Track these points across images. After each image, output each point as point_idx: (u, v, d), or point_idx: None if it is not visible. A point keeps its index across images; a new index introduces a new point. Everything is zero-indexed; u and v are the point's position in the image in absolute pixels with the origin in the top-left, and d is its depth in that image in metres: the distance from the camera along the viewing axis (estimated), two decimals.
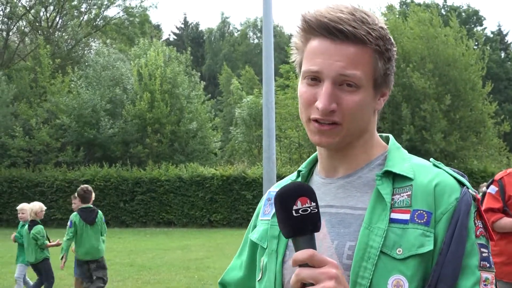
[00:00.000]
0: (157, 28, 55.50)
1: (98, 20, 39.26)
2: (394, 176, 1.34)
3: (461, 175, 1.35)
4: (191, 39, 61.99)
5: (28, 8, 36.77)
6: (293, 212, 1.15)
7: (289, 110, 29.24)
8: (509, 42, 51.04)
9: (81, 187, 8.86)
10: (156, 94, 28.78)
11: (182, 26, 64.37)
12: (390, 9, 31.04)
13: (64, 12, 37.40)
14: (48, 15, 37.68)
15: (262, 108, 10.23)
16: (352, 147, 1.39)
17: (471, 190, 1.32)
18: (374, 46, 1.32)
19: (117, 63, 31.20)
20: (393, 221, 1.28)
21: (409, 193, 1.31)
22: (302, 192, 1.17)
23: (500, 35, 50.14)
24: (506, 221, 4.50)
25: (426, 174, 1.33)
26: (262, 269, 1.43)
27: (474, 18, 50.34)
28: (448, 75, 23.74)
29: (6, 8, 35.79)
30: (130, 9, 39.92)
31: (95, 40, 39.81)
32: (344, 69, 1.30)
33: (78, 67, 32.46)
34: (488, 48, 31.88)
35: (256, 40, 61.25)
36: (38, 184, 25.22)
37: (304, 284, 1.14)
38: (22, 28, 37.92)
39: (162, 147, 28.45)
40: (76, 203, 8.87)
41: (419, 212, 1.28)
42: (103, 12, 39.12)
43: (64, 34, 38.10)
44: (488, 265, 1.27)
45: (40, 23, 37.51)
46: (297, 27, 1.38)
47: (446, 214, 1.27)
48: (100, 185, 24.26)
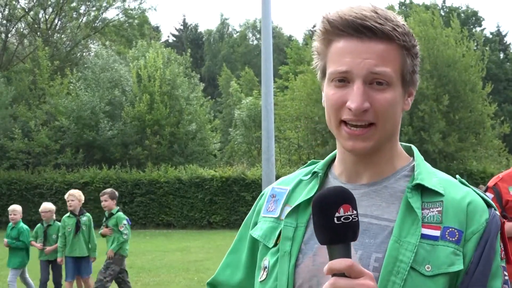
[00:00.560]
0: (156, 29, 55.45)
1: (97, 22, 39.24)
2: (422, 190, 1.31)
3: (487, 196, 1.34)
4: (190, 40, 61.98)
5: (27, 10, 36.76)
6: (335, 219, 1.12)
7: (288, 111, 29.23)
8: (508, 42, 51.06)
9: (112, 190, 8.94)
10: (156, 96, 28.73)
11: (181, 27, 64.37)
12: (390, 10, 30.99)
13: (63, 14, 37.38)
14: (47, 17, 37.67)
15: (261, 109, 10.21)
16: (380, 152, 1.35)
17: (498, 212, 1.32)
18: (402, 42, 1.31)
19: (115, 64, 31.14)
20: (423, 236, 1.26)
21: (439, 209, 1.29)
22: (345, 199, 1.14)
23: (499, 36, 50.14)
24: (507, 226, 4.48)
25: (456, 191, 1.32)
26: (268, 270, 1.38)
27: (473, 19, 50.37)
28: (448, 76, 23.70)
29: (5, 10, 35.78)
30: (129, 11, 39.91)
31: (94, 42, 39.80)
32: (375, 66, 1.27)
33: (77, 69, 32.41)
34: (487, 49, 31.83)
35: (255, 42, 61.23)
36: (37, 186, 25.18)
37: None
38: (21, 30, 37.92)
39: (161, 149, 28.40)
40: (109, 202, 8.73)
41: (450, 229, 1.26)
42: (102, 14, 39.15)
43: (63, 36, 38.09)
44: None
45: (39, 25, 37.49)
46: (318, 30, 1.35)
47: (476, 234, 1.26)
48: (99, 187, 24.19)
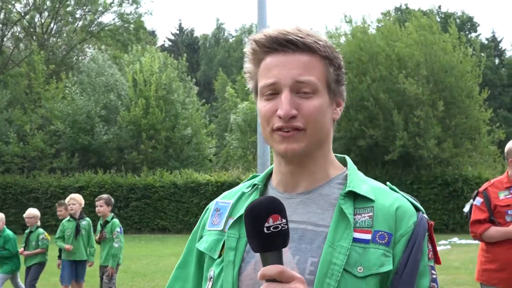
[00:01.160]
0: (152, 34, 55.44)
1: (93, 26, 39.22)
2: (355, 197, 1.38)
3: (416, 200, 1.43)
4: (186, 45, 61.96)
5: (22, 14, 36.75)
6: (265, 229, 1.17)
7: None
8: (503, 48, 51.31)
9: (109, 196, 8.91)
10: (151, 100, 28.72)
11: (177, 32, 64.38)
12: (386, 15, 31.08)
13: (59, 18, 37.36)
14: (42, 21, 37.63)
15: (256, 114, 10.22)
16: (313, 159, 1.42)
17: (425, 215, 1.40)
18: (323, 53, 1.39)
19: (111, 69, 31.10)
20: (355, 240, 1.32)
21: (370, 214, 1.36)
22: (274, 209, 1.19)
23: (494, 41, 50.36)
24: (493, 231, 4.62)
25: (386, 197, 1.40)
26: (213, 279, 1.43)
27: (469, 24, 50.57)
28: (444, 81, 23.70)
29: (0, 13, 35.73)
30: (125, 16, 39.91)
31: (90, 46, 39.77)
32: (299, 76, 1.36)
33: (72, 73, 32.37)
34: (483, 54, 31.90)
35: None
36: (32, 190, 25.11)
37: None
38: (17, 34, 37.87)
39: (157, 153, 28.36)
40: (104, 208, 8.61)
41: (380, 233, 1.33)
42: (98, 18, 39.13)
43: (58, 40, 38.07)
44: (436, 286, 1.36)
45: (34, 29, 37.46)
46: (247, 52, 1.44)
47: (405, 236, 1.34)
48: (95, 191, 24.14)
